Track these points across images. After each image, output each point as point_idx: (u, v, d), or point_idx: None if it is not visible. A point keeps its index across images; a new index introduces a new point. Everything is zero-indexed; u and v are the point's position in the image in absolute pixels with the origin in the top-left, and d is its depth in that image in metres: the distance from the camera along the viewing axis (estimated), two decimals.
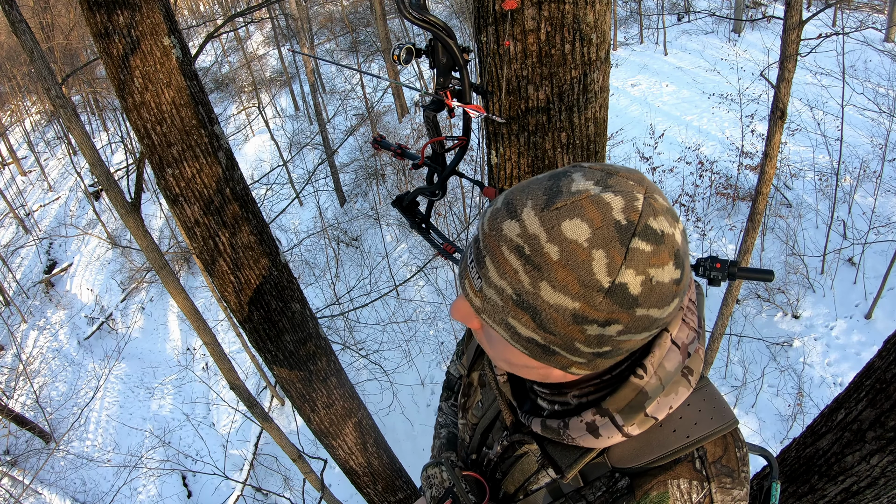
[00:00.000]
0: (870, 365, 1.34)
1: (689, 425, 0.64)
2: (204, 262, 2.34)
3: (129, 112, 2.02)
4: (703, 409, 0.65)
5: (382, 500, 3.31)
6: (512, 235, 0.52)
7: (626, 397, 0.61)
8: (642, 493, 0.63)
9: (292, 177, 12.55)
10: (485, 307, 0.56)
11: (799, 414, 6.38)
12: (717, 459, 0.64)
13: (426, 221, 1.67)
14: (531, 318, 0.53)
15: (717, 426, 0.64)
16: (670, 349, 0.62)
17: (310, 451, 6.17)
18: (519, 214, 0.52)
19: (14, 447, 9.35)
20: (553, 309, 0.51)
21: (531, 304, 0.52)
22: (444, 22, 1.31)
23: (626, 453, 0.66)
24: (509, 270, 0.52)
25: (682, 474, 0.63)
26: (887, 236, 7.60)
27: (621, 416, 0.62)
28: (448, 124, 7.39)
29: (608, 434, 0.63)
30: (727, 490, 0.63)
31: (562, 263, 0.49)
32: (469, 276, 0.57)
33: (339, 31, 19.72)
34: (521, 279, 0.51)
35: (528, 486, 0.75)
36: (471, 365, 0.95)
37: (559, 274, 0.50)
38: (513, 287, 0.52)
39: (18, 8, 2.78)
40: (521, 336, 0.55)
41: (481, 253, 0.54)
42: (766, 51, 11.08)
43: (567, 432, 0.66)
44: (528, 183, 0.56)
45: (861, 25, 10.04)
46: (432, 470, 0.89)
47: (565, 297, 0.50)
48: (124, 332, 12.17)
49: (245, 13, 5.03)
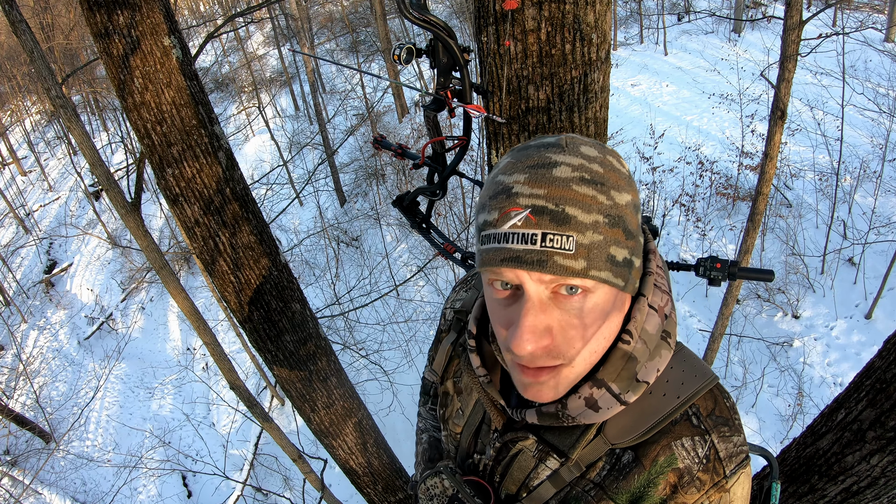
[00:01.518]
0: (870, 365, 1.34)
1: (676, 387, 0.67)
2: (204, 262, 2.34)
3: (129, 112, 2.02)
4: (685, 369, 0.68)
5: (382, 500, 3.31)
6: (570, 174, 0.58)
7: (616, 365, 0.64)
8: (650, 461, 0.66)
9: (292, 177, 12.55)
10: (589, 258, 0.57)
11: (799, 414, 6.38)
12: (710, 412, 0.66)
13: (426, 221, 1.67)
14: (622, 231, 0.59)
15: (702, 382, 0.67)
16: (649, 313, 0.66)
17: (310, 451, 6.18)
18: (556, 161, 0.58)
19: (14, 447, 9.35)
20: (626, 207, 0.60)
21: (618, 216, 0.59)
22: (445, 22, 1.31)
23: (623, 428, 0.67)
24: (590, 200, 0.57)
25: (683, 433, 0.66)
26: (887, 236, 7.60)
27: (617, 385, 0.64)
28: (448, 124, 7.39)
29: (607, 406, 0.65)
30: (727, 438, 0.66)
31: (608, 171, 0.59)
32: (555, 253, 0.56)
33: (339, 31, 19.72)
34: (601, 200, 0.58)
35: (529, 483, 0.75)
36: (442, 374, 0.92)
37: (612, 178, 0.59)
38: (601, 212, 0.57)
39: (18, 8, 2.78)
40: (618, 264, 0.59)
41: (558, 211, 0.56)
42: (766, 51, 11.09)
43: (566, 413, 0.66)
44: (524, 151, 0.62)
45: (861, 25, 10.05)
46: (431, 480, 0.85)
47: (626, 193, 0.60)
48: (124, 332, 12.17)
49: (245, 13, 5.03)
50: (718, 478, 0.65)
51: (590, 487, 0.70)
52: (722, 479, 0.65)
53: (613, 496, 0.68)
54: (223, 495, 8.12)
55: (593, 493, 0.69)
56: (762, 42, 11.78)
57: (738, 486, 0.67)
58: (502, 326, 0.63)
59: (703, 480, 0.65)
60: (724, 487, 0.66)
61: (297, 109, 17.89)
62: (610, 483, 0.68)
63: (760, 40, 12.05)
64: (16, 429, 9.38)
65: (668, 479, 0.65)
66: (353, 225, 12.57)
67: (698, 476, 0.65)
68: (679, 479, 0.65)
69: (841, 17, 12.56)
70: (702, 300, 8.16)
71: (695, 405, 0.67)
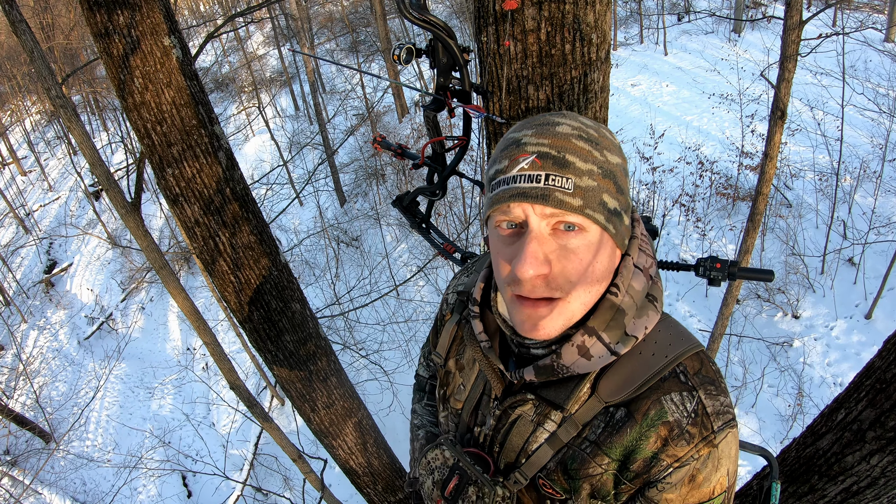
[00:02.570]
0: (870, 365, 1.34)
1: (664, 347, 0.72)
2: (204, 262, 2.34)
3: (129, 112, 2.02)
4: (672, 332, 0.74)
5: (382, 500, 3.31)
6: (570, 131, 0.67)
7: (605, 315, 0.70)
8: (641, 414, 0.70)
9: (292, 177, 12.56)
10: (585, 199, 0.65)
11: (799, 414, 6.38)
12: (697, 371, 0.71)
13: (426, 221, 1.67)
14: (613, 183, 0.68)
15: (688, 345, 0.72)
16: (635, 272, 0.73)
17: (310, 451, 6.18)
18: (559, 122, 0.68)
19: (14, 447, 9.35)
20: (617, 167, 0.69)
21: (609, 170, 0.67)
22: (445, 22, 1.31)
23: (616, 386, 0.71)
24: (586, 153, 0.66)
25: (672, 388, 0.69)
26: (887, 236, 7.60)
27: (607, 335, 0.70)
28: (448, 124, 7.39)
29: (599, 355, 0.70)
30: (714, 396, 0.70)
31: (601, 136, 0.69)
32: (556, 190, 0.65)
33: (339, 31, 19.72)
34: (595, 154, 0.67)
35: (528, 448, 0.77)
36: (446, 354, 0.95)
37: (605, 143, 0.69)
38: (595, 163, 0.66)
39: (18, 8, 2.78)
40: (610, 211, 0.67)
41: (559, 157, 0.65)
42: (766, 51, 11.08)
43: (560, 362, 0.71)
44: (524, 122, 0.72)
45: (861, 25, 10.04)
46: (433, 453, 0.87)
47: (617, 156, 0.70)
48: (124, 332, 12.16)
49: (245, 13, 5.04)
50: (707, 432, 0.68)
51: (586, 445, 0.73)
52: (710, 434, 0.68)
53: (608, 451, 0.71)
54: (223, 495, 8.12)
55: (589, 451, 0.72)
56: (762, 42, 11.78)
57: (725, 444, 0.70)
58: (506, 261, 0.69)
59: (692, 433, 0.68)
60: (712, 442, 0.68)
61: (297, 109, 17.89)
62: (605, 439, 0.71)
63: (760, 40, 12.04)
64: (16, 429, 9.38)
65: (658, 432, 0.69)
66: (353, 225, 12.57)
67: (687, 429, 0.68)
68: (669, 433, 0.68)
69: (841, 17, 12.55)
70: (702, 300, 8.16)
71: (682, 364, 0.71)
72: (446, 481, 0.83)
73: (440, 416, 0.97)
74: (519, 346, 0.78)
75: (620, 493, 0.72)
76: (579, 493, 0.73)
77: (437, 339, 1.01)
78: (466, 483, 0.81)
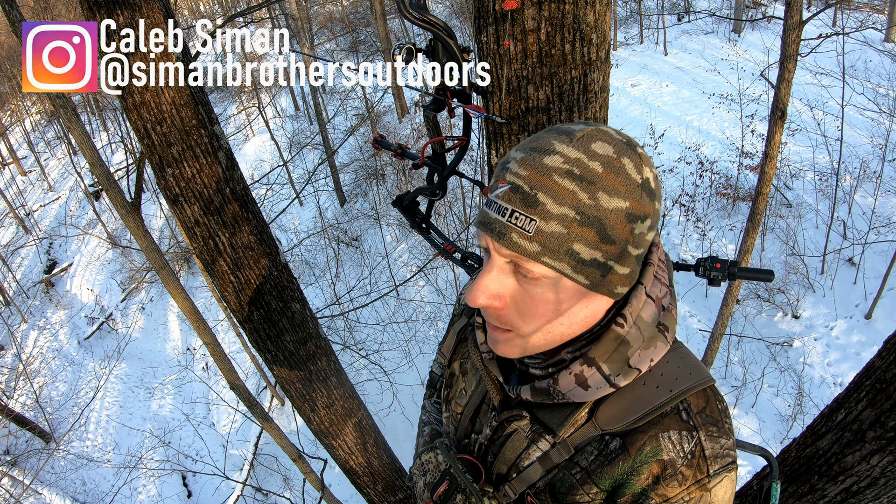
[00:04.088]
0: (870, 365, 1.34)
1: (670, 381, 0.68)
2: (204, 262, 2.34)
3: (129, 112, 2.02)
4: (681, 366, 0.69)
5: (382, 500, 3.31)
6: (558, 164, 0.59)
7: (608, 346, 0.66)
8: (636, 449, 0.67)
9: (292, 177, 12.55)
10: (546, 246, 0.59)
11: (799, 414, 6.38)
12: (700, 410, 0.67)
13: (426, 221, 1.67)
14: (595, 232, 0.59)
15: (696, 381, 0.68)
16: (646, 301, 0.67)
17: (310, 451, 6.17)
18: (554, 149, 0.60)
19: (14, 447, 9.34)
20: (613, 213, 0.59)
21: (594, 217, 0.59)
22: (445, 22, 1.31)
23: (614, 415, 0.68)
24: (567, 194, 0.58)
25: (672, 426, 0.66)
26: (887, 236, 7.60)
27: (608, 366, 0.66)
28: (448, 124, 7.38)
29: (597, 386, 0.67)
30: (715, 438, 0.66)
31: (607, 172, 0.59)
32: (514, 230, 0.60)
33: (339, 31, 19.71)
34: (580, 197, 0.58)
35: (519, 464, 0.76)
36: (451, 356, 0.95)
37: (609, 181, 0.59)
38: (574, 208, 0.58)
39: (18, 8, 2.78)
40: (583, 262, 0.60)
41: (530, 194, 0.59)
42: (766, 51, 11.08)
43: (557, 388, 0.69)
44: (533, 137, 0.64)
45: (861, 25, 10.05)
46: (427, 455, 0.87)
47: (619, 200, 0.60)
48: (124, 332, 12.16)
49: (245, 13, 5.03)
50: (701, 475, 0.65)
51: (577, 471, 0.71)
52: (705, 478, 0.65)
53: (597, 481, 0.69)
54: (223, 495, 8.12)
55: (579, 477, 0.71)
56: (762, 42, 11.77)
57: (720, 489, 0.67)
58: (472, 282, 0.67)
59: (685, 475, 0.65)
60: (705, 486, 0.66)
61: (297, 109, 17.89)
62: (596, 468, 0.69)
63: (760, 40, 12.04)
64: (16, 429, 9.37)
65: (651, 469, 0.66)
66: (353, 225, 12.57)
67: (681, 470, 0.65)
68: (662, 471, 0.66)
69: (841, 17, 12.55)
70: (702, 300, 8.16)
71: (686, 401, 0.67)
72: (436, 485, 0.83)
73: (443, 416, 0.97)
74: (519, 362, 0.77)
75: None
76: None
77: (446, 337, 1.01)
78: (455, 490, 0.80)
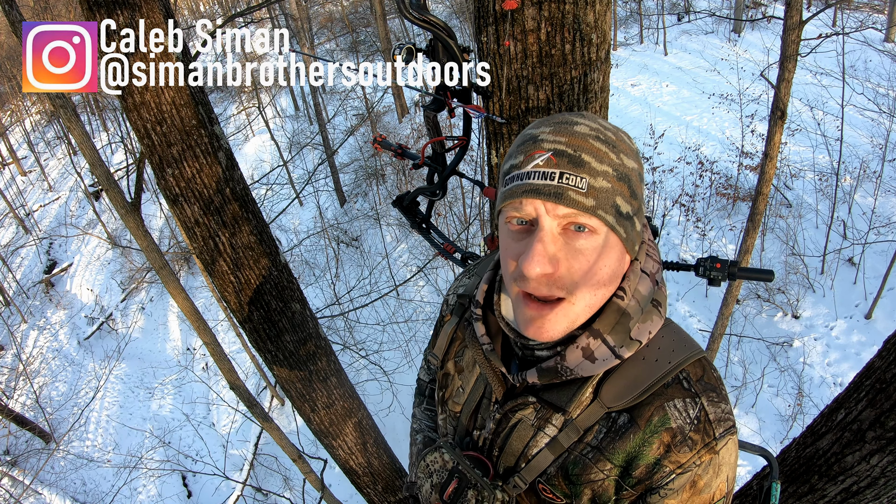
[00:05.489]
0: (870, 365, 1.34)
1: (667, 353, 0.72)
2: (204, 262, 2.34)
3: (129, 112, 2.02)
4: (675, 339, 0.74)
5: (382, 500, 3.31)
6: (588, 131, 0.67)
7: (611, 318, 0.70)
8: (645, 420, 0.70)
9: (292, 177, 12.54)
10: (598, 200, 0.65)
11: (799, 414, 6.38)
12: (699, 378, 0.71)
13: (426, 221, 1.67)
14: (627, 187, 0.67)
15: (691, 351, 0.72)
16: (641, 276, 0.72)
17: (310, 451, 6.16)
18: (577, 122, 0.68)
19: (14, 447, 9.34)
20: (633, 171, 0.69)
21: (625, 174, 0.67)
22: (445, 22, 1.31)
23: (618, 392, 0.71)
24: (603, 154, 0.66)
25: (675, 395, 0.70)
26: (887, 236, 7.60)
27: (612, 338, 0.70)
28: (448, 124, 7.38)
29: (603, 357, 0.70)
30: (716, 403, 0.70)
31: (619, 140, 0.69)
32: (570, 189, 0.64)
33: (339, 31, 19.71)
34: (612, 157, 0.67)
35: (528, 453, 0.77)
36: (444, 356, 0.95)
37: (623, 147, 0.69)
38: (611, 165, 0.66)
39: (18, 8, 2.78)
40: (622, 215, 0.67)
41: (575, 156, 0.65)
42: (766, 51, 11.07)
43: (564, 364, 0.71)
44: (541, 120, 0.72)
45: (861, 25, 10.04)
46: (431, 456, 0.87)
47: (633, 161, 0.70)
48: (124, 332, 12.16)
49: (245, 13, 5.03)
50: (709, 439, 0.69)
51: (588, 451, 0.73)
52: (712, 441, 0.69)
53: (610, 456, 0.71)
54: (223, 495, 8.12)
55: (591, 456, 0.72)
56: (762, 42, 11.77)
57: (726, 451, 0.70)
58: (513, 258, 0.69)
59: (694, 440, 0.69)
60: (714, 449, 0.69)
61: (297, 109, 17.88)
62: (607, 444, 0.72)
63: (760, 40, 12.04)
64: (16, 429, 9.37)
65: (661, 438, 0.69)
66: (353, 225, 12.56)
67: (690, 436, 0.68)
68: (672, 439, 0.69)
69: (841, 17, 12.55)
70: (702, 300, 8.16)
71: (685, 370, 0.71)
72: (445, 485, 0.83)
73: (438, 419, 0.96)
74: (523, 349, 0.77)
75: (622, 498, 0.72)
76: (580, 498, 0.73)
77: (435, 340, 1.00)
78: (466, 487, 0.80)
